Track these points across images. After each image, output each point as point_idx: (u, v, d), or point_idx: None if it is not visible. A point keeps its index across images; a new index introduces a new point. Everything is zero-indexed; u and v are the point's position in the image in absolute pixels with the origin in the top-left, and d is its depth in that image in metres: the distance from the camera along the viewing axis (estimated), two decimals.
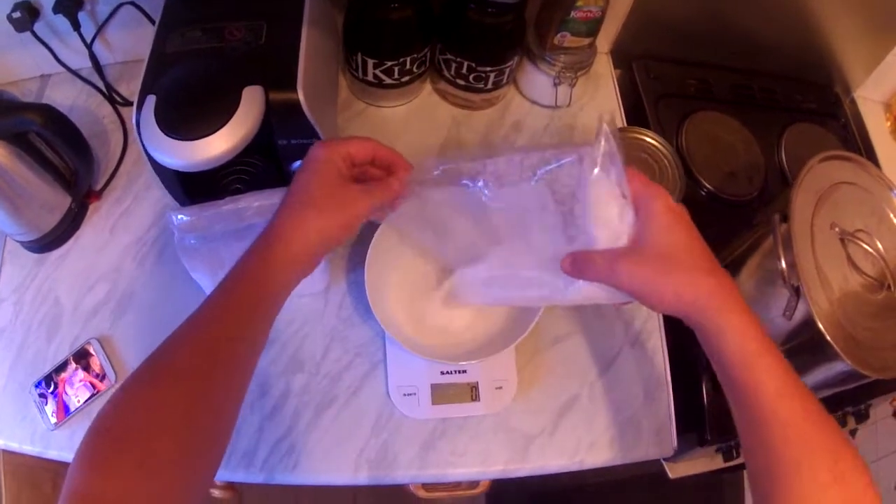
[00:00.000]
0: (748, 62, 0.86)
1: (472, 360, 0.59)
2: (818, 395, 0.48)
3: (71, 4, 0.67)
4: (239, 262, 0.43)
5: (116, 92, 0.76)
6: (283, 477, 0.59)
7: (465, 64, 0.71)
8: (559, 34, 0.70)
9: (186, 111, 0.50)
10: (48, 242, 0.67)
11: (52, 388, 0.61)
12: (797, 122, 0.85)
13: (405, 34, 0.68)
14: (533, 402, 0.63)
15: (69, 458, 0.37)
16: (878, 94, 0.91)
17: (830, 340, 0.52)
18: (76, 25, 0.69)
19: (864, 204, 0.61)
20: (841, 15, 0.79)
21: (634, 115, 0.81)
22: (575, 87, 0.75)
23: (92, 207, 0.70)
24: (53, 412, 0.60)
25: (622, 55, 0.85)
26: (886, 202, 0.62)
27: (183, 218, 0.52)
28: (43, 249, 0.68)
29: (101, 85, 0.75)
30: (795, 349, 0.57)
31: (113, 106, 0.75)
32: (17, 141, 0.61)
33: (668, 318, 0.68)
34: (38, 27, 0.69)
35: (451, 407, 0.61)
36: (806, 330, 0.54)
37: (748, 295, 0.61)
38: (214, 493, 0.75)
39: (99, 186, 0.71)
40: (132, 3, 0.70)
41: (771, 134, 0.83)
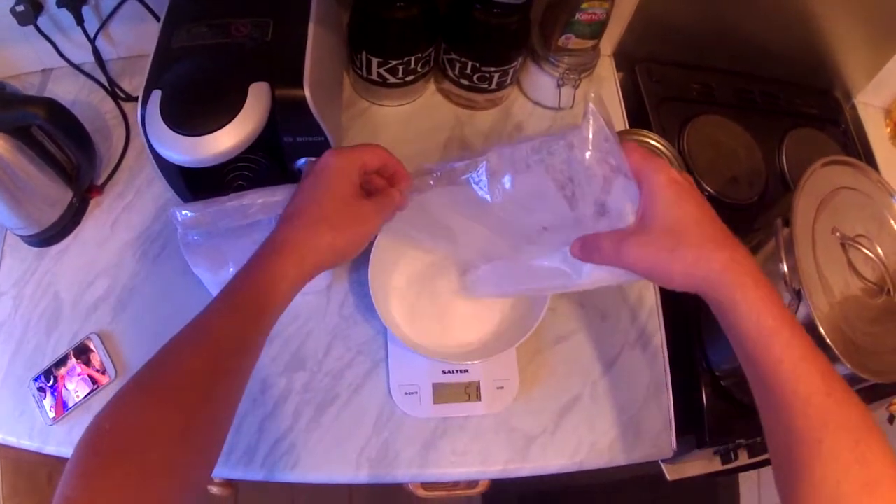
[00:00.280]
0: (750, 67, 0.86)
1: (473, 359, 0.60)
2: None
3: None
4: (245, 268, 0.43)
5: (119, 87, 0.76)
6: (283, 474, 0.59)
7: (469, 64, 0.71)
8: (564, 36, 0.70)
9: (192, 107, 0.49)
10: (49, 237, 0.67)
11: (51, 382, 0.61)
12: (798, 126, 0.85)
13: (410, 33, 0.68)
14: (534, 402, 0.63)
15: (67, 453, 0.36)
16: (878, 99, 0.91)
17: (830, 343, 0.52)
18: (80, 20, 0.69)
19: (864, 209, 0.61)
20: (843, 21, 0.80)
21: (637, 118, 0.82)
22: (578, 88, 0.76)
23: (93, 202, 0.70)
24: (52, 407, 0.60)
25: (625, 58, 0.85)
26: (887, 207, 0.62)
27: (187, 214, 0.52)
28: (43, 244, 0.67)
29: (103, 80, 0.75)
30: None
31: (115, 101, 0.75)
32: (19, 134, 0.60)
33: (667, 318, 0.68)
34: (41, 21, 0.68)
35: (452, 406, 0.61)
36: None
37: None
38: (212, 489, 0.74)
39: (101, 181, 0.71)
40: None
41: (772, 138, 0.84)
